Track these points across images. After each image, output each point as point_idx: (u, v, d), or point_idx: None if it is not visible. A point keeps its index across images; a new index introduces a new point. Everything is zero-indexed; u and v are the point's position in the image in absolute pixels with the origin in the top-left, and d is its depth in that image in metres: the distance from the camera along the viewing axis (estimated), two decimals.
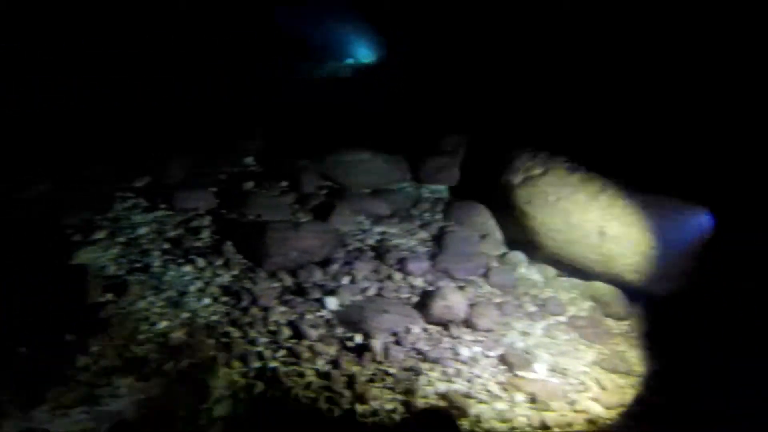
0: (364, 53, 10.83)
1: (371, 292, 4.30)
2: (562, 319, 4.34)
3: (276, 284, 4.27)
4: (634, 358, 3.89)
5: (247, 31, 8.77)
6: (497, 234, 5.21)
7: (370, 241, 4.91)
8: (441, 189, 5.89)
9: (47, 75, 6.20)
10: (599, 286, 4.51)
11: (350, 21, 10.15)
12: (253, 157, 6.01)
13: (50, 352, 3.29)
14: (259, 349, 3.64)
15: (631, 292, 4.31)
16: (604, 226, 4.16)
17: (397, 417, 3.22)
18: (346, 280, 4.39)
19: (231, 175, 5.66)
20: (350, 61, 10.79)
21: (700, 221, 4.11)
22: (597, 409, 3.46)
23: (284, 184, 5.49)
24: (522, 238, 5.01)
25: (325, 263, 4.50)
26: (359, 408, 3.25)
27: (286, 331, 3.80)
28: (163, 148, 5.61)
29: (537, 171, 4.76)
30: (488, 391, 3.52)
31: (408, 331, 3.92)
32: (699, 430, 3.24)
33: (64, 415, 2.99)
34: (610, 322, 4.28)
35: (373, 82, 8.50)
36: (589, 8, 5.49)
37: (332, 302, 4.10)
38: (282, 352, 3.64)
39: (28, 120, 5.55)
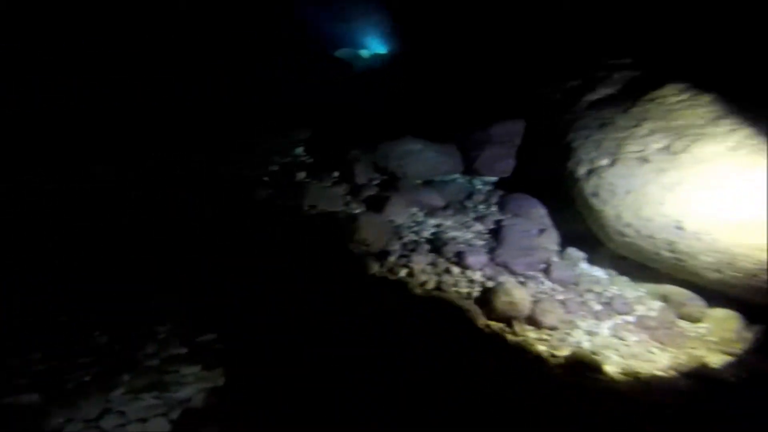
0: (378, 44, 10.75)
1: (430, 285, 4.20)
2: (629, 318, 4.13)
3: None
4: (715, 365, 3.65)
5: (268, 26, 8.74)
6: (556, 228, 5.01)
7: (426, 234, 4.81)
8: (495, 180, 5.72)
9: (63, 76, 6.22)
10: (670, 285, 4.27)
11: (366, 11, 10.04)
12: (302, 148, 6.00)
13: (122, 336, 3.36)
14: None
15: (708, 293, 4.04)
16: (682, 221, 3.89)
17: None
18: (403, 272, 4.31)
19: (282, 165, 5.66)
20: (365, 51, 10.69)
21: None
22: None
23: (336, 174, 5.45)
24: (582, 233, 4.80)
25: (381, 255, 4.43)
26: None
27: None
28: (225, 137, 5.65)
29: (604, 161, 4.51)
30: None
31: None
32: None
33: (137, 399, 3.04)
34: (684, 324, 4.03)
35: (398, 73, 8.34)
36: None
37: None
38: None
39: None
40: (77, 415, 2.90)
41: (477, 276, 4.37)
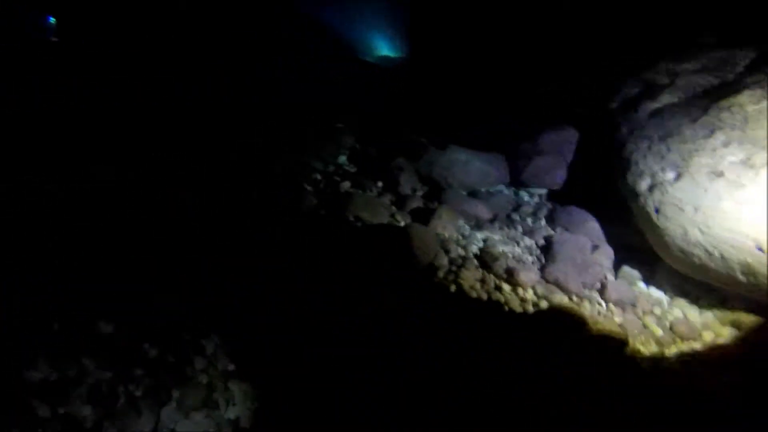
0: (387, 49, 10.72)
1: (480, 302, 4.02)
2: (696, 345, 3.85)
3: None
4: None
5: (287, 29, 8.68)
6: (610, 244, 4.75)
7: (474, 248, 4.63)
8: (543, 192, 5.48)
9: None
10: (741, 310, 3.96)
11: (377, 18, 9.98)
12: (346, 156, 5.90)
13: (173, 351, 3.32)
14: None
15: None
16: (760, 240, 3.60)
17: None
18: (452, 289, 4.15)
19: (326, 174, 5.57)
20: (374, 56, 10.64)
21: None
22: None
23: (380, 184, 5.33)
24: (639, 249, 4.53)
25: (429, 270, 4.28)
26: None
27: None
28: (264, 145, 5.61)
29: (669, 175, 4.23)
30: None
31: None
32: None
33: (187, 417, 2.99)
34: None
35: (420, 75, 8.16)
36: None
37: None
38: None
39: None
40: None
41: (529, 294, 4.17)
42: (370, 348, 3.45)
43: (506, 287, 4.21)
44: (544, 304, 4.05)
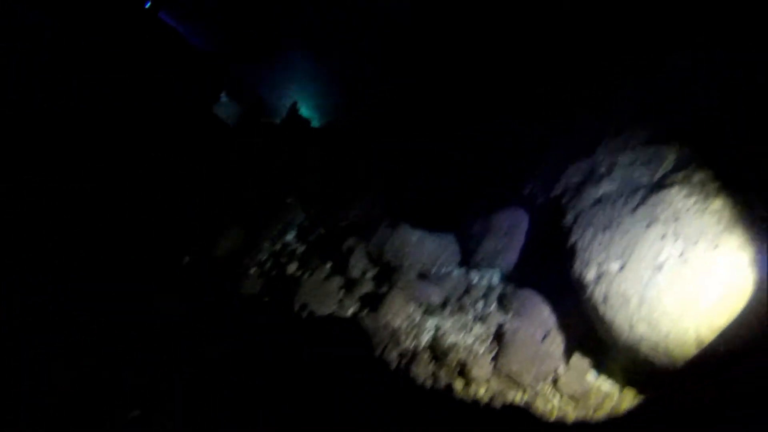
0: (312, 112, 11.11)
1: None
2: None
3: None
4: None
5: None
6: (562, 330, 4.71)
7: (425, 339, 4.46)
8: (495, 273, 5.45)
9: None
10: None
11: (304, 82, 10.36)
12: (294, 233, 5.70)
13: None
14: None
15: None
16: (702, 336, 3.64)
17: None
18: (402, 385, 3.91)
19: (273, 254, 5.33)
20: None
21: None
22: None
23: (329, 265, 5.14)
24: (590, 337, 4.51)
25: (379, 365, 4.04)
26: None
27: None
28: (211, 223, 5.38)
29: (614, 266, 4.30)
30: None
31: None
32: None
33: None
34: None
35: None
36: None
37: None
38: None
39: None
40: None
41: (481, 392, 4.00)
42: None
43: (459, 384, 4.02)
44: (497, 403, 3.88)
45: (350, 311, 4.59)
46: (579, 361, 4.44)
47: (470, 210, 5.88)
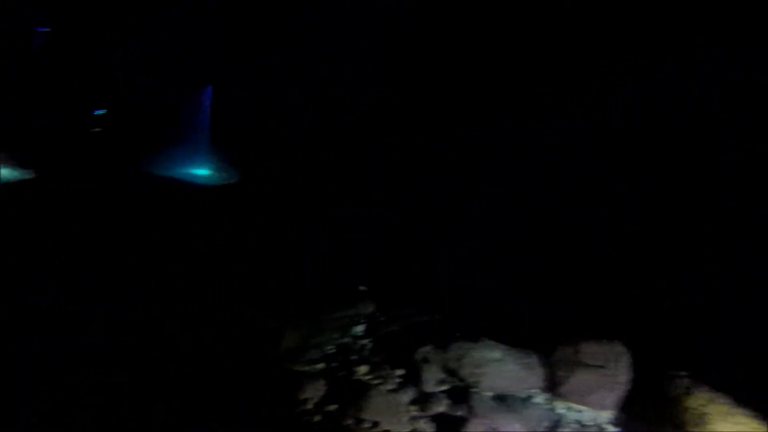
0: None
1: None
2: None
3: None
4: None
5: None
6: None
7: None
8: (587, 412, 4.56)
9: None
10: None
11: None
12: (363, 326, 5.23)
13: None
14: None
15: None
16: None
17: None
18: None
19: (340, 348, 5.15)
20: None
21: None
22: None
23: (400, 373, 4.67)
24: None
25: None
26: None
27: None
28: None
29: None
30: None
31: None
32: None
33: None
34: None
35: None
36: None
37: None
38: None
39: None
40: None
41: None
42: None
43: None
44: None
45: None
46: None
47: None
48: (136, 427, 2.97)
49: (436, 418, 4.31)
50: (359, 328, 5.14)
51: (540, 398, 4.73)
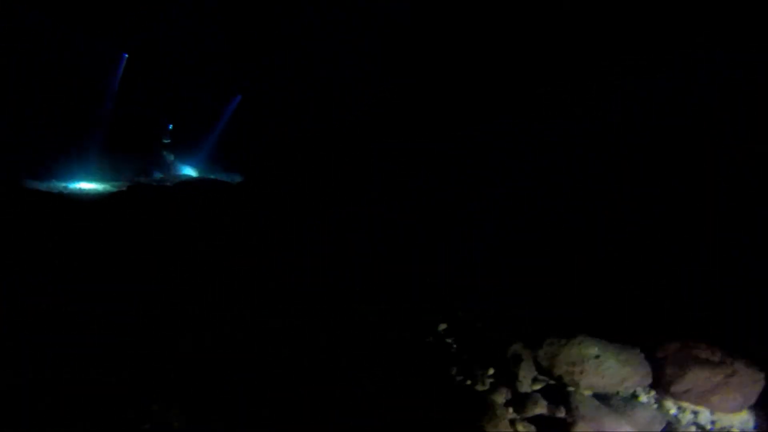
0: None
1: None
2: None
3: None
4: None
5: None
6: None
7: None
8: (701, 412, 4.18)
9: None
10: None
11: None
12: (446, 324, 4.95)
13: None
14: None
15: None
16: None
17: None
18: None
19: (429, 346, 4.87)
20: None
21: None
22: None
23: (492, 372, 4.42)
24: None
25: None
26: None
27: None
28: None
29: None
30: None
31: None
32: None
33: None
34: None
35: None
36: None
37: None
38: None
39: None
40: None
41: None
42: None
43: None
44: None
45: None
46: None
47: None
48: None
49: (536, 420, 4.00)
50: (442, 326, 4.88)
51: (646, 397, 4.35)
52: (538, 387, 4.48)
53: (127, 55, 9.02)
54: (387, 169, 7.90)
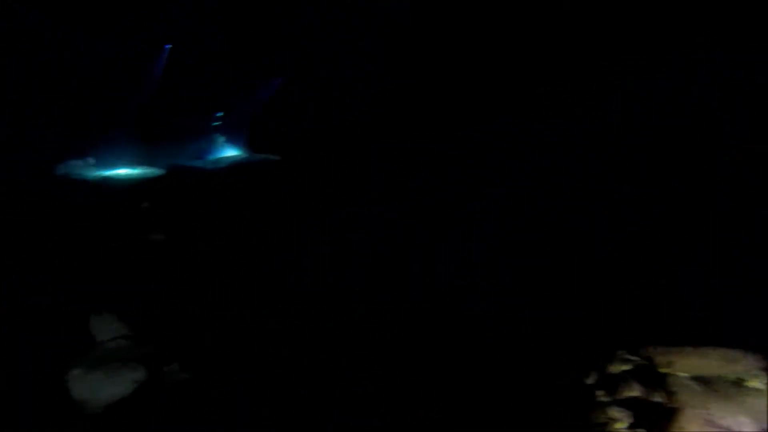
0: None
1: None
2: None
3: None
4: None
5: None
6: None
7: None
8: None
9: None
10: None
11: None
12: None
13: None
14: None
15: None
16: None
17: None
18: None
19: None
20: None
21: None
22: None
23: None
24: None
25: None
26: None
27: None
28: None
29: None
30: None
31: None
32: None
33: None
34: None
35: None
36: None
37: None
38: None
39: None
40: None
41: None
42: None
43: None
44: None
45: (625, 425, 3.37)
46: None
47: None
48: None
49: (629, 404, 3.61)
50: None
51: (757, 382, 3.69)
52: (626, 367, 4.00)
53: (170, 46, 9.06)
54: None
